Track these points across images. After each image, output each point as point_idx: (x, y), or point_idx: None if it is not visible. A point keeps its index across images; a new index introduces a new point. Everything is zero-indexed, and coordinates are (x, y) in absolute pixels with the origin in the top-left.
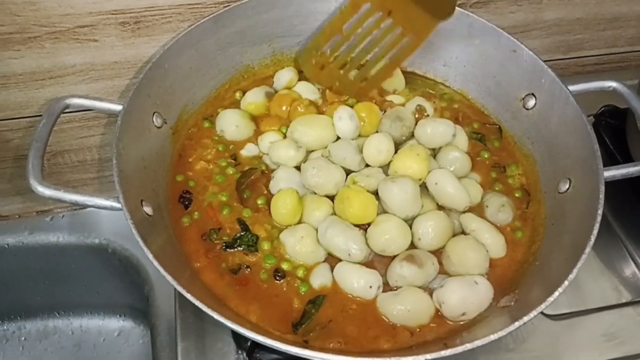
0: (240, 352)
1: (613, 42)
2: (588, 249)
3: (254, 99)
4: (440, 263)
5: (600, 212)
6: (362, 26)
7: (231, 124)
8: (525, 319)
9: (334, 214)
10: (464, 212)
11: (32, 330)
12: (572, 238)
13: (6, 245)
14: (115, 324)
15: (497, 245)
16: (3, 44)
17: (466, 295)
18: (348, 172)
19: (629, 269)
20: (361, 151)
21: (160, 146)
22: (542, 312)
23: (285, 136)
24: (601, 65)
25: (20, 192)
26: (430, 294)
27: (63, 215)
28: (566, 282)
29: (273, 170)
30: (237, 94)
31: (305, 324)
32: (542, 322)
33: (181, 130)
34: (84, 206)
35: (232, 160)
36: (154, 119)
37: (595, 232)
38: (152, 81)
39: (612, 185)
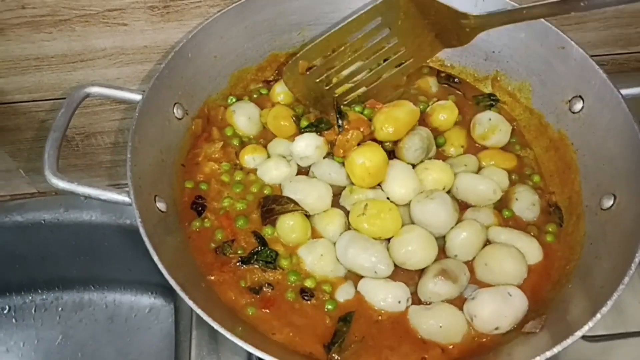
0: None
1: None
2: (627, 279)
3: (283, 89)
4: (471, 271)
5: None
6: (366, 42)
7: (244, 114)
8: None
9: (349, 227)
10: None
11: (69, 301)
12: (612, 263)
13: (42, 221)
14: (146, 300)
15: (532, 251)
16: (35, 27)
17: (499, 308)
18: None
19: None
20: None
21: (180, 138)
22: None
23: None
24: None
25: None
26: (462, 306)
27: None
28: (598, 315)
29: None
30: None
31: (338, 343)
32: (577, 343)
33: (199, 119)
34: (97, 199)
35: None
36: (175, 110)
37: (637, 259)
38: (173, 71)
39: None
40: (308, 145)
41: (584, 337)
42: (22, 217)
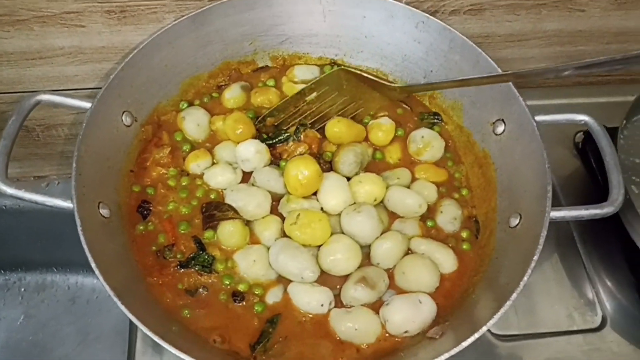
0: None
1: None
2: (514, 295)
3: (232, 94)
4: (391, 278)
5: (535, 258)
6: (320, 100)
7: (193, 121)
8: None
9: (284, 233)
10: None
11: (32, 282)
12: (506, 279)
13: (4, 207)
14: None
15: (448, 262)
16: None
17: (409, 314)
18: (274, 196)
19: (587, 297)
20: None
21: (128, 144)
22: (490, 331)
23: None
24: (605, 77)
25: (17, 158)
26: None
27: (58, 182)
28: (484, 328)
29: None
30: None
31: (263, 343)
32: (490, 341)
33: (149, 125)
34: (43, 205)
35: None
36: (123, 118)
37: (525, 278)
38: (123, 81)
39: None
40: (249, 149)
41: (498, 337)
42: None
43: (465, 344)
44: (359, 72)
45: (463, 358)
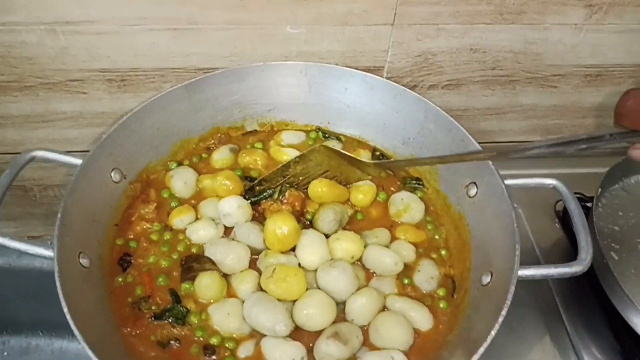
0: None
1: (595, 129)
2: (481, 349)
3: (221, 156)
4: (366, 335)
5: (503, 313)
6: (305, 172)
7: (181, 179)
8: None
9: (261, 288)
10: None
11: (16, 346)
12: (476, 334)
13: None
14: None
15: (423, 320)
16: (2, 90)
17: None
18: (254, 251)
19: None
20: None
21: (116, 200)
22: None
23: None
24: (584, 150)
25: (13, 217)
26: None
27: (51, 242)
28: None
29: None
30: (194, 158)
31: None
32: None
33: (138, 183)
34: (26, 253)
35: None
36: (112, 175)
37: (493, 333)
38: (115, 141)
39: (570, 279)
40: (231, 204)
41: None
42: None
43: None
44: (337, 150)
45: None
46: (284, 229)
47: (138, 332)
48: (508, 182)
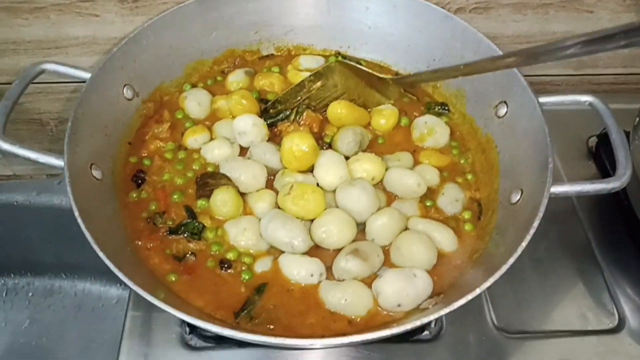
0: (184, 324)
1: (631, 62)
2: (511, 260)
3: (236, 78)
4: (387, 256)
5: (534, 226)
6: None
7: (195, 100)
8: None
9: (278, 207)
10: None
11: (40, 287)
12: (504, 248)
13: (15, 203)
14: (114, 292)
15: (447, 241)
16: (13, 12)
17: (402, 287)
18: (271, 171)
19: (602, 298)
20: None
21: (128, 117)
22: (497, 327)
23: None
24: (618, 86)
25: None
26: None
27: None
28: (478, 291)
29: None
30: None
31: (247, 311)
32: (497, 338)
33: (152, 103)
34: (36, 161)
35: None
36: (124, 91)
37: (524, 244)
38: (126, 54)
39: (603, 213)
40: (246, 122)
41: (506, 333)
42: None
43: (455, 305)
44: (353, 64)
45: (470, 355)
46: (302, 147)
47: (152, 245)
48: (542, 99)
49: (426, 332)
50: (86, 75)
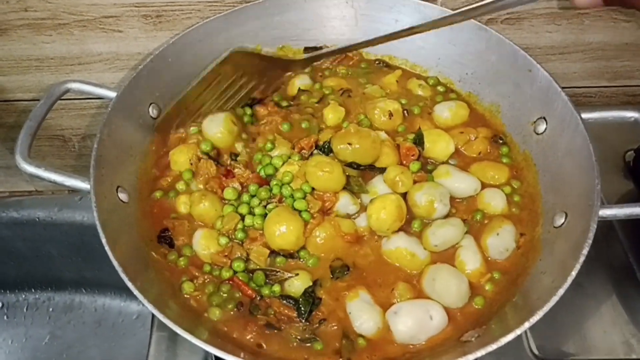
0: None
1: None
2: (556, 298)
3: None
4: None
5: (584, 253)
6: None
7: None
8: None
9: None
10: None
11: (60, 302)
12: (552, 277)
13: (37, 219)
14: (135, 307)
15: None
16: (36, 29)
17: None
18: None
19: None
20: None
21: (153, 136)
22: (535, 356)
23: None
24: None
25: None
26: None
27: None
28: (526, 325)
29: None
30: None
31: None
32: None
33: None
34: (62, 185)
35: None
36: (150, 110)
37: (573, 273)
38: (152, 72)
39: None
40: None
41: None
42: (18, 214)
43: (503, 341)
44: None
45: None
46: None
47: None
48: (584, 115)
49: None
50: (111, 94)
